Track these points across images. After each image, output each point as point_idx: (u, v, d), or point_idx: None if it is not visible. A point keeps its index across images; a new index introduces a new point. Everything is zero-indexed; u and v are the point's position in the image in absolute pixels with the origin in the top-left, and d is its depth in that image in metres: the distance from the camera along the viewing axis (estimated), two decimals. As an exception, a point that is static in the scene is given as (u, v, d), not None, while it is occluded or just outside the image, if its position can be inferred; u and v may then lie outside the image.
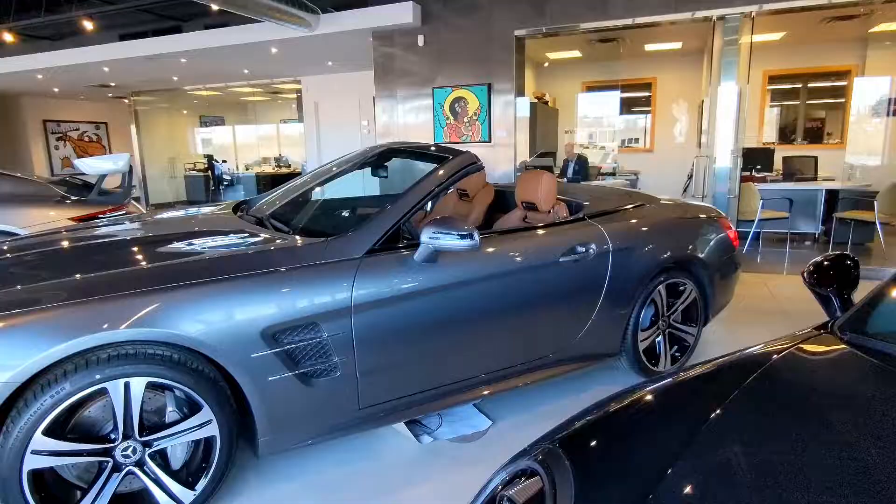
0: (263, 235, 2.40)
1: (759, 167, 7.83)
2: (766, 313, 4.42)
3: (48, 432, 1.69)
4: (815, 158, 7.80)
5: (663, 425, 1.04)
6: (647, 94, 10.14)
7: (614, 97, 10.30)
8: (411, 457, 2.45)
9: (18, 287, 1.87)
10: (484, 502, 0.99)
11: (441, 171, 2.54)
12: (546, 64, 10.19)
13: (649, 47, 9.11)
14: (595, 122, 10.61)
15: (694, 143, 9.31)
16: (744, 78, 5.89)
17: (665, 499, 0.84)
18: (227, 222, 2.72)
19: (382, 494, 2.19)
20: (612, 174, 9.59)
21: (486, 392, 2.58)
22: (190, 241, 2.39)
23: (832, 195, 7.05)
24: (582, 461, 0.97)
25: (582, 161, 8.53)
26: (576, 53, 9.33)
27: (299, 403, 2.09)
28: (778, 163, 8.09)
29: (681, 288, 3.17)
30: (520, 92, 6.77)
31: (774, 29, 7.78)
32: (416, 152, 3.16)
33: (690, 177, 8.59)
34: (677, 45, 8.92)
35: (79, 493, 1.82)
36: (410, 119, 7.19)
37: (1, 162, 12.47)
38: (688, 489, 0.85)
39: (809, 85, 9.36)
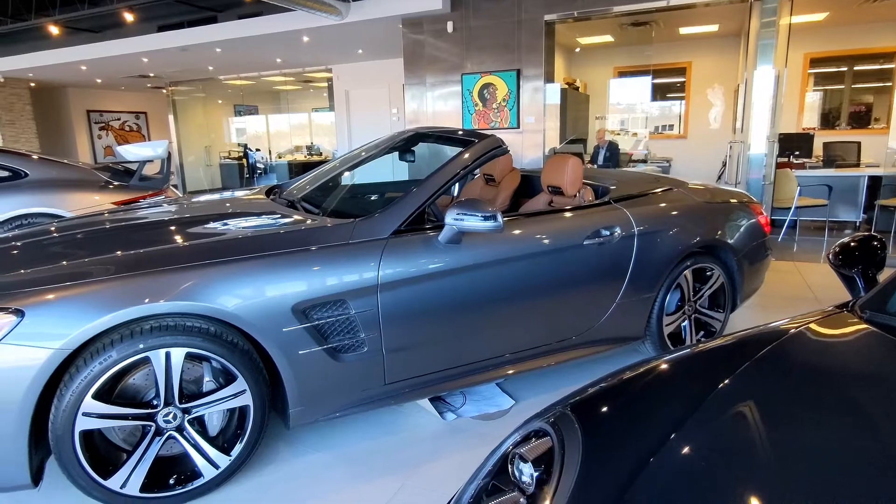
0: (294, 217, 2.49)
1: (797, 153, 7.60)
2: (799, 301, 4.34)
3: (97, 396, 1.82)
4: (858, 144, 7.53)
5: (672, 393, 1.07)
6: (681, 79, 9.91)
7: (647, 82, 10.10)
8: (435, 432, 2.52)
9: (64, 263, 2.00)
10: (498, 459, 1.04)
11: (466, 155, 2.58)
12: (577, 49, 10.05)
13: (684, 30, 8.89)
14: (627, 109, 10.43)
15: (729, 129, 9.08)
16: (781, 61, 5.72)
17: (667, 460, 0.88)
18: (260, 205, 2.82)
19: (407, 467, 2.27)
20: (644, 161, 9.45)
21: (509, 372, 2.63)
22: (225, 221, 2.50)
23: (875, 182, 6.81)
24: (591, 424, 1.01)
25: (613, 148, 8.44)
26: (608, 38, 9.18)
27: (328, 377, 2.18)
28: (819, 149, 7.85)
29: (708, 273, 3.15)
30: (549, 78, 6.72)
31: (816, 9, 7.49)
32: (442, 137, 3.20)
33: (725, 163, 8.40)
34: (714, 28, 8.68)
35: (124, 455, 1.95)
36: (439, 106, 7.22)
37: (49, 150, 13.03)
38: (688, 451, 0.88)
39: (855, 68, 8.99)
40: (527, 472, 0.95)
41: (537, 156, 6.76)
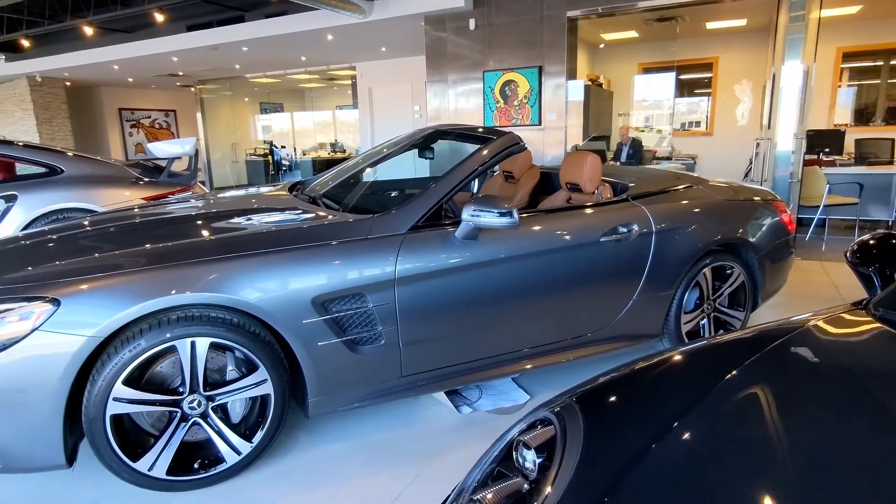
0: (315, 213, 2.55)
1: (827, 150, 7.43)
2: (824, 300, 4.26)
3: (127, 382, 1.90)
4: (892, 140, 7.31)
5: (676, 386, 1.09)
6: (707, 74, 9.75)
7: (672, 79, 9.96)
8: (451, 425, 2.57)
9: (97, 255, 2.10)
10: (503, 447, 1.08)
11: (484, 152, 2.61)
12: (602, 45, 9.96)
13: (711, 25, 8.74)
14: (652, 105, 10.30)
15: (757, 125, 8.90)
16: (810, 56, 5.59)
17: (666, 450, 0.90)
18: (283, 201, 2.90)
19: (423, 458, 2.32)
20: (669, 158, 9.34)
21: (525, 367, 2.65)
22: (249, 216, 2.58)
23: (909, 180, 6.61)
24: (594, 414, 1.04)
25: (636, 145, 8.35)
26: (632, 34, 9.08)
27: (346, 368, 2.24)
28: (851, 145, 7.65)
29: (728, 271, 3.13)
30: (571, 74, 6.69)
31: (849, 2, 7.29)
32: (462, 134, 3.24)
33: (753, 161, 8.25)
34: (742, 23, 8.52)
35: (152, 439, 2.04)
36: (461, 103, 7.25)
37: (83, 146, 13.44)
38: (687, 441, 0.91)
39: (892, 62, 8.71)
40: (530, 459, 0.98)
41: (559, 153, 6.73)
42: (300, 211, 2.60)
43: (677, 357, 1.19)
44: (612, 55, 10.13)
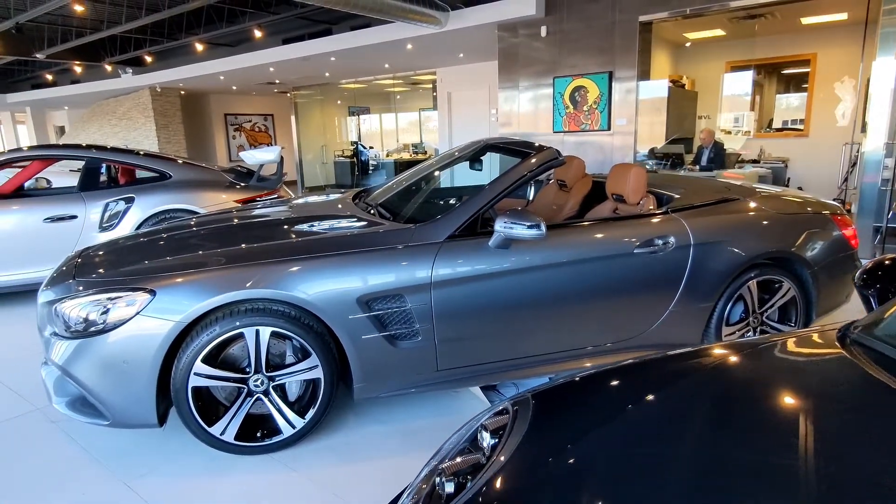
0: (367, 220, 2.87)
1: (936, 154, 6.78)
2: None
3: (205, 361, 2.31)
4: None
5: (623, 392, 1.25)
6: (803, 69, 9.14)
7: (763, 77, 9.43)
8: (484, 418, 2.79)
9: (187, 254, 2.54)
10: (473, 430, 1.30)
11: (522, 166, 2.81)
12: (687, 45, 9.64)
13: (807, 20, 8.21)
14: (741, 105, 9.80)
15: (859, 126, 8.25)
16: (907, 54, 5.19)
17: (592, 442, 1.09)
18: (344, 208, 3.25)
19: (454, 445, 2.56)
20: (756, 161, 8.89)
21: (560, 368, 2.82)
22: (312, 223, 2.94)
23: None
24: (543, 407, 1.23)
25: (718, 148, 8.04)
26: (718, 32, 8.72)
27: (386, 360, 2.54)
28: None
29: (776, 285, 3.09)
30: (644, 77, 6.63)
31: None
32: (509, 148, 3.43)
33: (855, 164, 7.67)
34: (842, 17, 7.94)
35: (223, 409, 2.44)
36: (531, 108, 7.38)
37: (194, 148, 14.93)
38: (614, 437, 1.08)
39: None
40: (486, 440, 1.20)
41: (628, 157, 6.69)
42: (355, 219, 2.93)
43: (632, 366, 1.35)
44: (697, 54, 9.76)
